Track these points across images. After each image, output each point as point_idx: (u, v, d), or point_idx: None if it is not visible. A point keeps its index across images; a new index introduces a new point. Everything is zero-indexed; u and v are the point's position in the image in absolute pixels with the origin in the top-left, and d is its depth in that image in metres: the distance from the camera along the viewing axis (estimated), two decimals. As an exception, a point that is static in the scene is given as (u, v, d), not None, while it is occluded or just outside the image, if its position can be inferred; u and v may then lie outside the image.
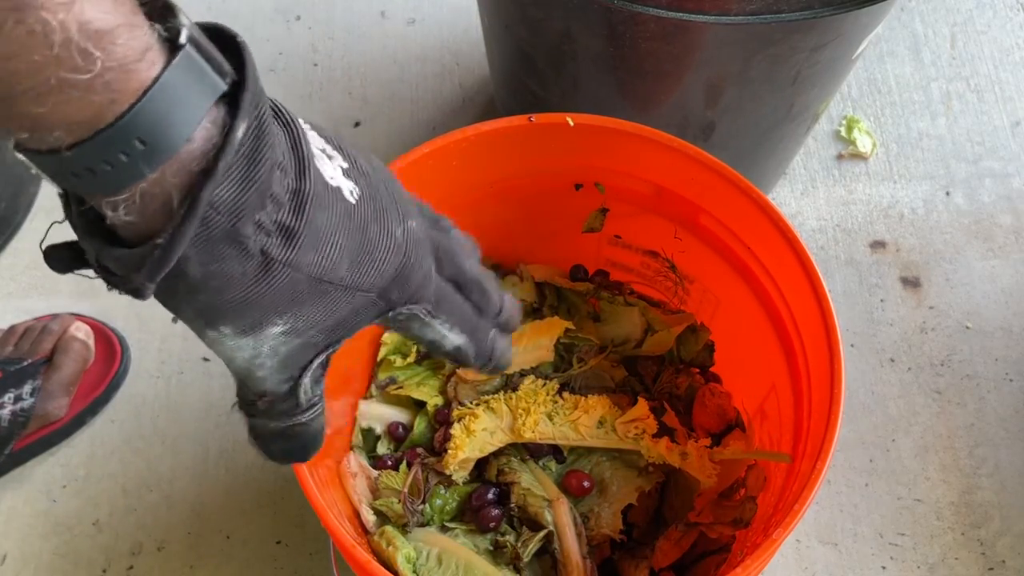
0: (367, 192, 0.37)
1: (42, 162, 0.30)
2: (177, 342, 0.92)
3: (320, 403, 0.42)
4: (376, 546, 0.64)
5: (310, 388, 0.40)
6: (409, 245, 0.39)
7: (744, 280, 0.67)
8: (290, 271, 0.34)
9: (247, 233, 0.32)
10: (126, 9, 0.28)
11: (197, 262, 0.32)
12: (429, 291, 0.41)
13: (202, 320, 0.35)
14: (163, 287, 0.33)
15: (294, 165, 0.34)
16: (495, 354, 0.46)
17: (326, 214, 0.35)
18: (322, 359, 0.39)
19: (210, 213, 0.31)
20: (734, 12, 0.60)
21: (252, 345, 0.37)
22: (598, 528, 0.66)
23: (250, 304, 0.34)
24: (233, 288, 0.33)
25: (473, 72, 1.07)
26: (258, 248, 0.33)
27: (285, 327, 0.36)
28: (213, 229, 0.31)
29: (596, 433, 0.67)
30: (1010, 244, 0.98)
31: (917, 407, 0.90)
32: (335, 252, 0.35)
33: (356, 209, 0.36)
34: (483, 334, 0.45)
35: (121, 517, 0.84)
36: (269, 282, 0.34)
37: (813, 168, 1.02)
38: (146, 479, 0.86)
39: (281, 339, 0.37)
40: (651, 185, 0.67)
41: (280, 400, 0.40)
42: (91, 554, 0.83)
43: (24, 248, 0.96)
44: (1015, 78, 1.07)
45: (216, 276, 0.33)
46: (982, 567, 0.83)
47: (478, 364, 0.46)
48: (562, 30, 0.71)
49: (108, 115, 0.28)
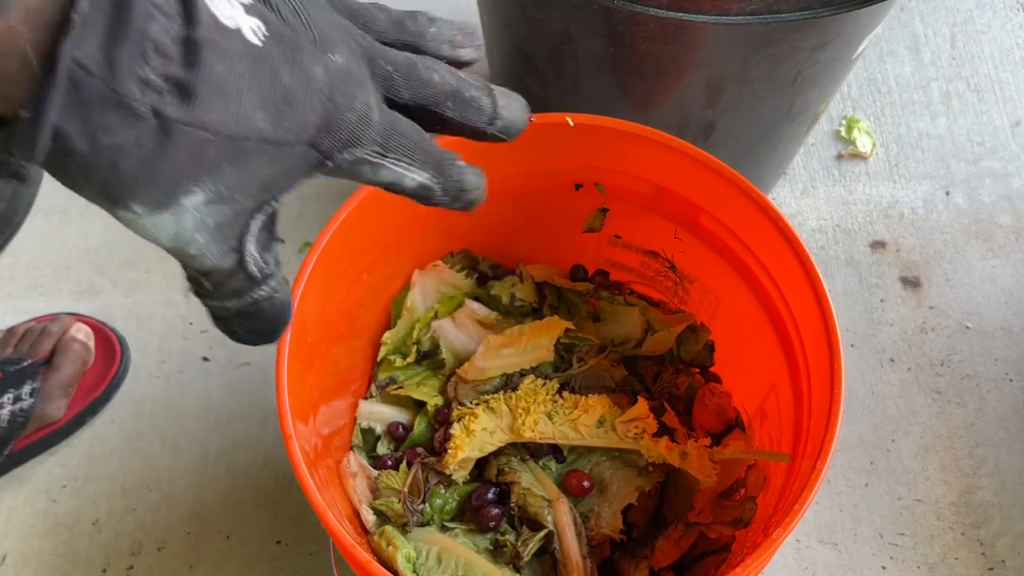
0: (276, 28, 0.32)
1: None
2: (177, 341, 0.92)
3: (276, 273, 0.38)
4: (376, 546, 0.64)
5: (259, 257, 0.36)
6: (336, 84, 0.34)
7: (744, 280, 0.67)
8: (194, 131, 0.30)
9: (131, 94, 0.28)
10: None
11: (80, 134, 0.28)
12: (371, 130, 0.36)
13: (107, 200, 0.31)
14: (53, 166, 0.29)
15: (178, 6, 0.29)
16: (464, 187, 0.40)
17: (226, 62, 0.30)
18: (259, 222, 0.35)
19: (78, 73, 0.27)
20: (734, 12, 0.60)
21: (173, 221, 0.32)
22: (598, 528, 0.66)
23: (157, 175, 0.30)
24: (130, 159, 0.29)
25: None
26: (149, 109, 0.29)
27: (205, 196, 0.32)
28: (87, 92, 0.27)
29: (596, 432, 0.67)
30: (1010, 244, 0.98)
31: (917, 407, 0.90)
32: (243, 105, 0.31)
33: (263, 51, 0.32)
34: (449, 167, 0.39)
35: (121, 517, 0.84)
36: (172, 147, 0.30)
37: (813, 168, 1.02)
38: (146, 479, 0.86)
39: (205, 210, 0.32)
40: (651, 185, 0.67)
41: (228, 276, 0.36)
42: (91, 554, 0.83)
43: (24, 248, 0.96)
44: (1015, 78, 1.07)
45: (108, 148, 0.29)
46: (982, 567, 0.83)
47: (445, 200, 0.40)
48: (562, 30, 0.71)
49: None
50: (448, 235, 0.72)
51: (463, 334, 0.74)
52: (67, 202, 0.99)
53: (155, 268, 0.95)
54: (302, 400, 0.60)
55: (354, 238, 0.63)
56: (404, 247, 0.69)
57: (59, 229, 0.97)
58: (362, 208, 0.61)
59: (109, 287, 0.94)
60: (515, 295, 0.76)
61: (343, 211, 0.60)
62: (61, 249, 0.96)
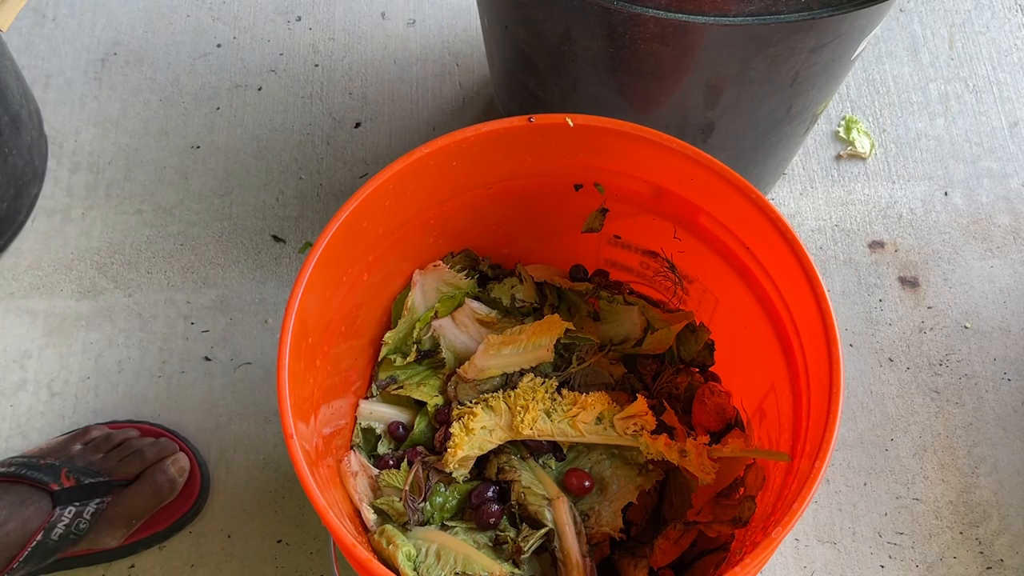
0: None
1: None
2: (179, 342, 0.92)
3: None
4: (376, 544, 0.64)
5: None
6: None
7: (743, 280, 0.67)
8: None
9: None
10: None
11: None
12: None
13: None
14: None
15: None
16: None
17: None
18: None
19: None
20: (733, 13, 0.60)
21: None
22: (598, 526, 0.66)
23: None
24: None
25: (473, 72, 1.07)
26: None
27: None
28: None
29: (594, 429, 0.67)
30: (1008, 244, 0.98)
31: (915, 406, 0.90)
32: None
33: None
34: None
35: (122, 516, 0.84)
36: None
37: (812, 168, 1.02)
38: (147, 478, 0.86)
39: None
40: (651, 185, 0.67)
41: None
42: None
43: (26, 248, 0.97)
44: (1013, 79, 1.07)
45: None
46: (980, 566, 0.83)
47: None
48: (562, 31, 0.71)
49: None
50: (448, 235, 0.73)
51: (463, 333, 0.74)
52: (69, 202, 0.99)
53: (157, 268, 0.95)
54: (303, 400, 0.60)
55: (354, 238, 0.63)
56: (404, 247, 0.70)
57: (61, 229, 0.98)
58: (362, 208, 0.62)
59: (111, 287, 0.94)
60: (515, 296, 0.76)
61: (343, 211, 0.61)
62: (63, 249, 0.97)
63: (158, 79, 1.06)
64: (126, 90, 1.06)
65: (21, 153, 0.94)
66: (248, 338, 0.92)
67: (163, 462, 0.80)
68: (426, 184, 0.65)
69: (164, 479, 0.79)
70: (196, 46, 1.08)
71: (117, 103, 1.05)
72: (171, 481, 0.80)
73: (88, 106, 1.05)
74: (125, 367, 0.91)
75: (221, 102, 1.05)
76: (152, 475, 0.79)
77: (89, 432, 0.83)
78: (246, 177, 1.01)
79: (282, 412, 0.55)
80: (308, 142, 1.03)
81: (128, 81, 1.06)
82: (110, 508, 0.77)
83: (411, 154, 0.62)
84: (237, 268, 0.95)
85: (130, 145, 1.03)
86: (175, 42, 1.09)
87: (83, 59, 1.07)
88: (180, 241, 0.97)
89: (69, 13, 1.10)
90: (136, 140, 1.03)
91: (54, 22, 1.10)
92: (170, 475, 0.79)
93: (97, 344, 0.92)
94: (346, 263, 0.64)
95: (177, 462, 0.81)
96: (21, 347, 0.92)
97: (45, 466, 0.77)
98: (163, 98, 1.05)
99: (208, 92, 1.06)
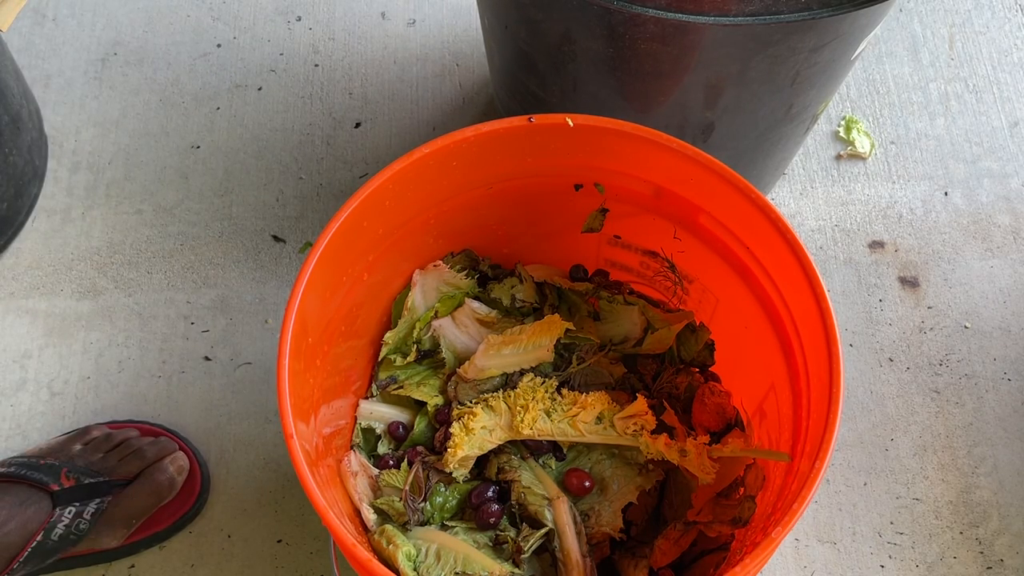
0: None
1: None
2: (178, 342, 0.92)
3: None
4: (376, 544, 0.64)
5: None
6: None
7: (743, 280, 0.67)
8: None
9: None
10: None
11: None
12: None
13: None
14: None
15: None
16: None
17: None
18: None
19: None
20: (733, 13, 0.60)
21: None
22: (598, 526, 0.66)
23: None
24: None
25: (473, 72, 1.07)
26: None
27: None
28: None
29: (594, 429, 0.67)
30: (1008, 244, 0.98)
31: (916, 406, 0.90)
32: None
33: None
34: None
35: (122, 516, 0.84)
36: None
37: (812, 168, 1.02)
38: (147, 478, 0.86)
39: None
40: (651, 185, 0.67)
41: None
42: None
43: (26, 248, 0.97)
44: (1013, 79, 1.07)
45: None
46: (980, 566, 0.83)
47: None
48: (562, 31, 0.71)
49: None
50: (448, 235, 0.73)
51: (463, 333, 0.74)
52: (69, 202, 0.99)
53: (157, 268, 0.95)
54: (303, 400, 0.60)
55: (354, 238, 0.63)
56: (404, 247, 0.70)
57: (61, 229, 0.98)
58: (362, 208, 0.62)
59: (111, 287, 0.94)
60: (515, 296, 0.76)
61: (343, 211, 0.61)
62: (63, 249, 0.97)
63: (158, 79, 1.06)
64: (126, 90, 1.06)
65: (21, 153, 0.94)
66: (248, 338, 0.92)
67: (162, 461, 0.80)
68: (426, 184, 0.65)
69: (163, 478, 0.79)
70: (196, 46, 1.08)
71: (117, 103, 1.05)
72: (170, 480, 0.80)
73: (88, 106, 1.05)
74: (125, 367, 0.91)
75: (221, 102, 1.05)
76: (151, 474, 0.79)
77: (89, 432, 0.83)
78: (246, 177, 1.01)
79: (282, 412, 0.55)
80: (308, 142, 1.03)
81: (128, 81, 1.06)
82: (110, 508, 0.77)
83: (411, 154, 0.62)
84: (237, 268, 0.95)
85: (130, 145, 1.03)
86: (175, 42, 1.09)
87: (83, 59, 1.07)
88: (180, 241, 0.97)
89: (69, 13, 1.10)
90: (136, 140, 1.03)
91: (54, 22, 1.10)
92: (169, 474, 0.80)
93: (97, 344, 0.92)
94: (346, 263, 0.64)
95: (176, 461, 0.81)
96: (21, 347, 0.92)
97: (45, 466, 0.77)
98: (163, 98, 1.05)
99: (208, 92, 1.06)
